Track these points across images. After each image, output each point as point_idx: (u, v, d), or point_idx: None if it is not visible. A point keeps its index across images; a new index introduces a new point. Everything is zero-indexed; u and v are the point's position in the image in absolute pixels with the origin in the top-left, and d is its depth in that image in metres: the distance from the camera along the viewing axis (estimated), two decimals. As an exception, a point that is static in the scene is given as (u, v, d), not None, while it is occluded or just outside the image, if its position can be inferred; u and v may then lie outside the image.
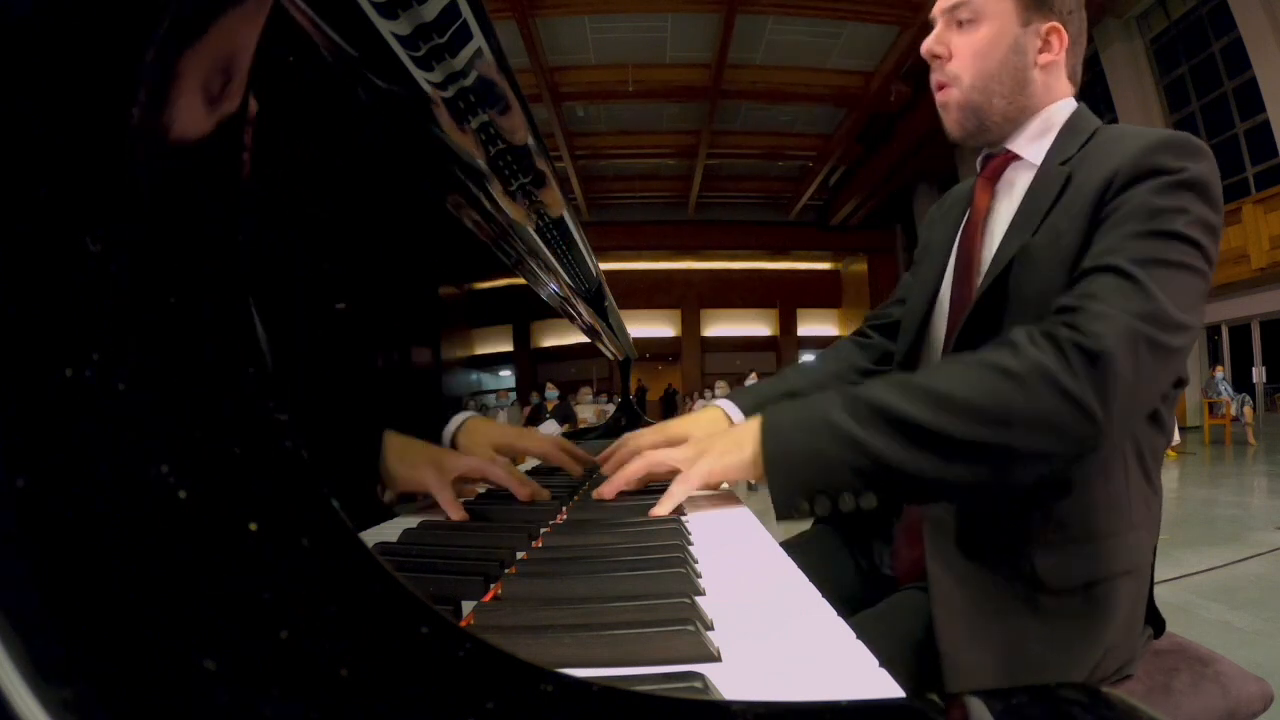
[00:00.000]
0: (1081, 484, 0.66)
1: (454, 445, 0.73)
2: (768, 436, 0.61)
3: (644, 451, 0.70)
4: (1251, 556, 2.85)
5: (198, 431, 0.19)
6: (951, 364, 0.62)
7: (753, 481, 0.63)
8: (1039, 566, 0.65)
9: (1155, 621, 0.74)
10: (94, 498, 0.17)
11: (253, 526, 0.19)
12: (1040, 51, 0.76)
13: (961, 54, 0.76)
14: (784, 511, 0.59)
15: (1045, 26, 0.75)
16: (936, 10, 0.79)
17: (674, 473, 0.66)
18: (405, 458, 0.64)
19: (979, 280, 0.75)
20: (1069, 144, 0.73)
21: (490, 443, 0.77)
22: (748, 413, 0.89)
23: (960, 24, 0.77)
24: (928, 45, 0.78)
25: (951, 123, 0.79)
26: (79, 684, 0.16)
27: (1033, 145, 0.77)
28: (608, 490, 0.69)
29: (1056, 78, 0.77)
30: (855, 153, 11.74)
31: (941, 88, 0.79)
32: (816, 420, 0.59)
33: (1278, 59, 7.92)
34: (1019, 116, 0.77)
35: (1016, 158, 0.78)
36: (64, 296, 0.17)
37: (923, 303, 0.84)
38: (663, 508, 0.62)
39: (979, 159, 0.83)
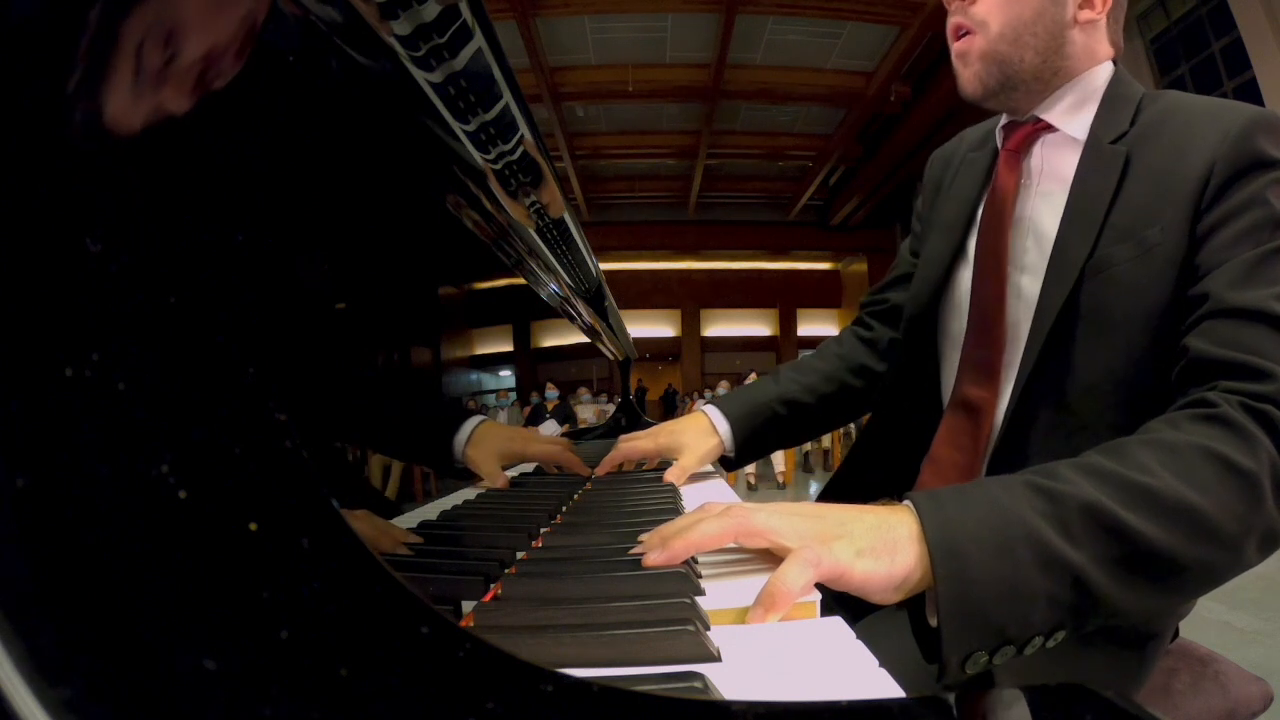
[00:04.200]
0: None
1: (464, 456, 0.74)
2: (941, 556, 0.40)
3: (733, 510, 0.44)
4: (1251, 556, 2.84)
5: (198, 431, 0.19)
6: (1156, 448, 0.46)
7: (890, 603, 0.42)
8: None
9: None
10: (94, 498, 0.17)
11: (253, 526, 0.19)
12: (1082, 7, 0.65)
13: None
14: (956, 672, 0.41)
15: None
16: None
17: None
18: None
19: (1010, 278, 0.67)
20: (1117, 116, 0.64)
21: (498, 452, 0.78)
22: (735, 420, 0.85)
23: None
24: None
25: (970, 76, 0.68)
26: (79, 684, 0.16)
27: (1072, 117, 0.67)
28: (678, 548, 0.43)
29: (1098, 40, 0.67)
30: (855, 153, 11.73)
31: (962, 34, 0.67)
32: (1013, 534, 0.41)
33: (1278, 59, 7.91)
34: (1051, 79, 0.66)
35: (1049, 129, 0.68)
36: (64, 296, 0.17)
37: (928, 289, 0.75)
38: (771, 608, 0.37)
39: (999, 128, 0.73)
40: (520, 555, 0.50)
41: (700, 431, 0.86)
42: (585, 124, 11.23)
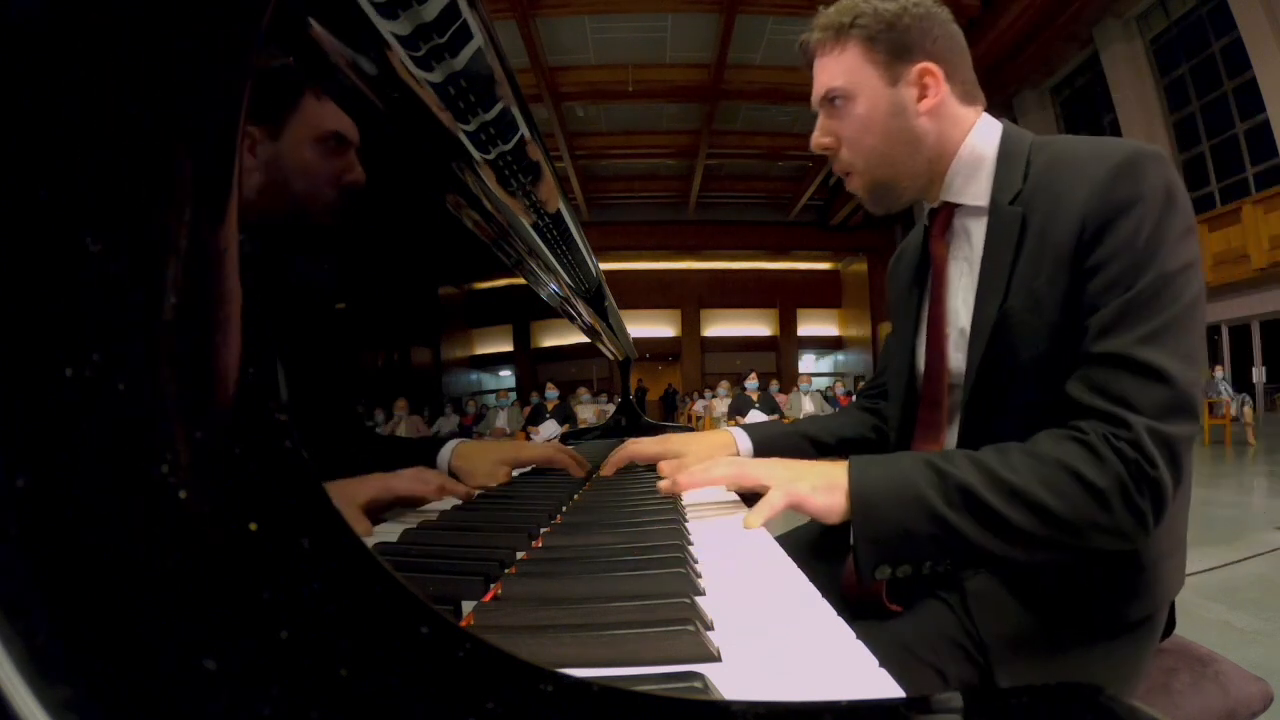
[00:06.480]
0: None
1: (451, 471, 0.74)
2: (857, 501, 0.59)
3: (723, 461, 0.68)
4: (1251, 556, 2.84)
5: (198, 431, 0.19)
6: (1029, 456, 0.60)
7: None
8: (1103, 605, 0.65)
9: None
10: (94, 498, 0.17)
11: (253, 526, 0.19)
12: (919, 100, 0.71)
13: (846, 139, 0.74)
14: (867, 578, 0.59)
15: (915, 71, 0.70)
16: (814, 102, 0.76)
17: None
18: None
19: (949, 343, 0.73)
20: (1011, 176, 0.69)
21: (490, 459, 0.79)
22: (758, 447, 0.91)
23: (836, 107, 0.73)
24: (815, 140, 0.76)
25: (869, 204, 0.77)
26: (79, 684, 0.16)
27: (969, 189, 0.72)
28: (684, 480, 0.67)
29: (949, 113, 0.72)
30: (855, 153, 11.72)
31: (846, 175, 0.76)
32: (907, 495, 0.59)
33: (1278, 59, 7.92)
34: (931, 171, 0.73)
35: (958, 205, 0.74)
36: (64, 296, 0.17)
37: (904, 367, 0.82)
38: (759, 516, 0.59)
39: (926, 212, 0.79)
40: (520, 555, 0.50)
41: (717, 445, 0.90)
42: (585, 124, 11.23)
